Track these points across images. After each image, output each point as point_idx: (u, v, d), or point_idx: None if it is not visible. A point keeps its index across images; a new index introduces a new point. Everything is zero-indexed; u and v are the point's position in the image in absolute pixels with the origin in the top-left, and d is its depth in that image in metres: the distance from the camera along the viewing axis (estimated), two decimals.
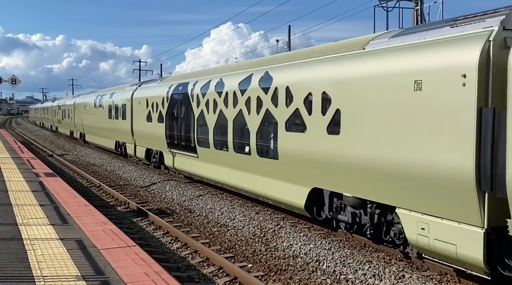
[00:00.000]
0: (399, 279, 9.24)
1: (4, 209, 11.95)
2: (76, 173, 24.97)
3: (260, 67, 13.94)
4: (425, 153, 8.30)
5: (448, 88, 7.84)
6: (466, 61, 7.59)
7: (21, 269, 7.55)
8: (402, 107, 8.74)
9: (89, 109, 36.49)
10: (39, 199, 13.35)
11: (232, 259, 10.87)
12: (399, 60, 8.95)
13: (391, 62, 9.12)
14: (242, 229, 13.28)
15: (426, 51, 8.42)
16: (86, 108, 37.64)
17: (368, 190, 9.90)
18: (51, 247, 8.73)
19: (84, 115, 38.55)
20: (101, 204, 16.78)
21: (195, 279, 9.59)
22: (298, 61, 12.23)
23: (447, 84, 7.86)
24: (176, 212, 15.83)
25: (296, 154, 11.90)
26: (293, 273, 9.92)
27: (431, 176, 8.25)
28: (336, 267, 10.09)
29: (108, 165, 27.46)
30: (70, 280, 7.07)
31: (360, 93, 9.73)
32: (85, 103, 38.49)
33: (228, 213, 14.84)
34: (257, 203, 16.08)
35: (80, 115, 40.10)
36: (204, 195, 17.49)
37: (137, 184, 21.43)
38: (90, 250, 8.62)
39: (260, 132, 13.57)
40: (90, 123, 36.36)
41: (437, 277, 9.37)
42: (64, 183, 16.70)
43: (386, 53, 9.35)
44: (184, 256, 11.14)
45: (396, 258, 10.52)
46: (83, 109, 38.84)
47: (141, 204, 16.99)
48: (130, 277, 7.29)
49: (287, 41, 41.08)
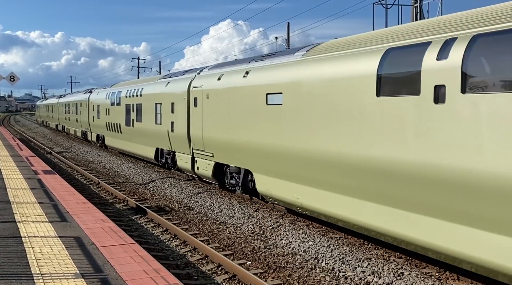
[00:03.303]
0: (398, 276, 9.24)
1: (3, 206, 11.93)
2: (75, 170, 24.94)
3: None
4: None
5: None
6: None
7: (20, 266, 7.53)
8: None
9: (111, 107, 30.07)
10: (37, 197, 13.33)
11: (231, 256, 10.87)
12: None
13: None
14: (241, 227, 13.28)
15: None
16: (106, 106, 31.21)
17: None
18: (50, 245, 8.72)
19: (103, 114, 32.13)
20: (100, 201, 16.77)
21: (194, 277, 9.59)
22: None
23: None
24: (175, 209, 15.83)
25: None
26: (292, 271, 9.92)
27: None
28: (335, 264, 10.09)
29: (107, 162, 27.44)
30: (68, 277, 7.06)
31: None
32: (104, 99, 32.13)
33: (227, 210, 14.84)
34: (256, 201, 16.09)
35: (97, 114, 33.81)
36: (203, 193, 17.48)
37: (136, 181, 21.42)
38: (89, 248, 8.61)
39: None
40: (114, 123, 29.53)
41: (435, 275, 9.38)
42: (63, 180, 16.68)
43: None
44: (183, 254, 11.13)
45: (395, 255, 10.52)
46: (102, 106, 32.40)
47: (140, 201, 16.98)
48: (129, 274, 7.28)
49: (286, 39, 41.05)
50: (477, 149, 7.53)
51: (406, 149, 8.73)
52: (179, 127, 19.20)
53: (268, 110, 13.19)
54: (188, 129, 18.39)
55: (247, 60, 15.80)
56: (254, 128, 13.84)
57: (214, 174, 16.92)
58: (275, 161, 12.99)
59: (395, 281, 9.06)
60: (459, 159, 7.79)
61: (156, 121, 21.84)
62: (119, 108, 28.25)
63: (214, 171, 16.91)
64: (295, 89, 12.03)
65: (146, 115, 23.30)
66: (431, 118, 8.29)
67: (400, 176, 8.89)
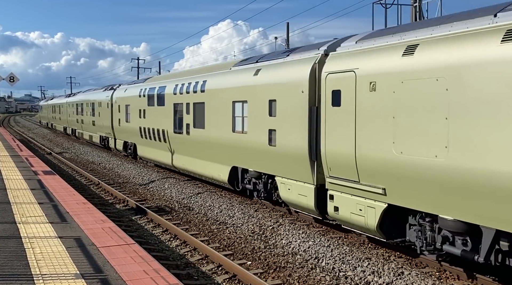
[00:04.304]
0: (398, 275, 9.24)
1: (3, 207, 11.93)
2: (75, 171, 24.94)
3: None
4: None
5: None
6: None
7: (20, 267, 7.53)
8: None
9: (149, 107, 23.37)
10: (37, 197, 13.33)
11: (231, 256, 10.87)
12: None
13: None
14: (241, 227, 13.28)
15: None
16: (140, 105, 24.61)
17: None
18: (50, 245, 8.72)
19: (135, 116, 25.35)
20: (100, 202, 16.77)
21: (194, 277, 9.59)
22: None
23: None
24: (175, 209, 15.83)
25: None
26: (292, 270, 9.92)
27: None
28: (335, 264, 10.09)
29: (107, 163, 27.43)
30: (69, 278, 7.06)
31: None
32: (136, 97, 25.37)
33: (227, 210, 14.84)
34: (256, 201, 16.09)
35: (125, 116, 27.26)
36: (203, 193, 17.48)
37: (136, 181, 21.42)
38: (89, 248, 8.61)
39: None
40: (154, 128, 22.57)
41: (436, 274, 9.38)
42: (62, 181, 16.68)
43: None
44: (183, 254, 11.14)
45: (395, 255, 10.52)
46: (134, 107, 25.71)
47: (140, 201, 16.98)
48: (129, 275, 7.28)
49: (286, 39, 41.06)
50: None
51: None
52: (290, 138, 12.41)
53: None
54: (311, 143, 11.67)
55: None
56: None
57: (380, 226, 9.91)
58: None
59: (395, 281, 9.06)
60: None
61: (235, 128, 15.34)
62: (162, 109, 21.43)
63: (381, 220, 9.86)
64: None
65: (214, 119, 16.69)
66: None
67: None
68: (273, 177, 13.81)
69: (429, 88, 8.45)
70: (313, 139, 11.61)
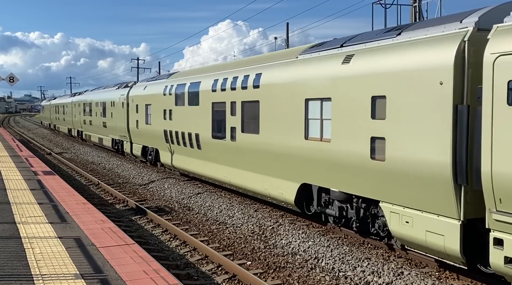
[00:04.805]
0: (398, 275, 9.24)
1: (3, 207, 11.93)
2: (75, 171, 24.94)
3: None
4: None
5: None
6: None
7: (20, 267, 7.54)
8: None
9: (176, 107, 20.11)
10: (37, 197, 13.33)
11: (231, 256, 10.87)
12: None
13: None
14: (241, 227, 13.29)
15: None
16: (165, 105, 21.26)
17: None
18: (50, 246, 8.72)
19: (158, 117, 22.06)
20: (100, 202, 16.77)
21: (194, 277, 9.59)
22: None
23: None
24: (175, 209, 15.83)
25: None
26: (292, 270, 9.92)
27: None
28: (335, 264, 10.10)
29: (107, 163, 27.43)
30: (68, 278, 7.06)
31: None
32: (159, 95, 22.10)
33: (227, 210, 14.85)
34: (256, 200, 16.09)
35: (145, 117, 24.00)
36: (203, 193, 17.48)
37: (135, 182, 21.42)
38: (89, 248, 8.61)
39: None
40: (183, 132, 19.36)
41: (435, 274, 9.38)
42: (62, 181, 16.68)
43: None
44: (183, 254, 11.14)
45: (395, 255, 10.53)
46: (156, 106, 22.46)
47: (140, 202, 16.98)
48: (129, 275, 7.28)
49: (285, 39, 41.08)
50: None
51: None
52: (414, 151, 8.98)
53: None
54: (459, 159, 8.22)
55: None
56: None
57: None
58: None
59: (395, 281, 9.06)
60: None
61: (309, 134, 12.06)
62: (195, 110, 18.26)
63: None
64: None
65: (274, 121, 13.37)
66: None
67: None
68: (375, 202, 10.35)
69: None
70: (462, 152, 8.08)
